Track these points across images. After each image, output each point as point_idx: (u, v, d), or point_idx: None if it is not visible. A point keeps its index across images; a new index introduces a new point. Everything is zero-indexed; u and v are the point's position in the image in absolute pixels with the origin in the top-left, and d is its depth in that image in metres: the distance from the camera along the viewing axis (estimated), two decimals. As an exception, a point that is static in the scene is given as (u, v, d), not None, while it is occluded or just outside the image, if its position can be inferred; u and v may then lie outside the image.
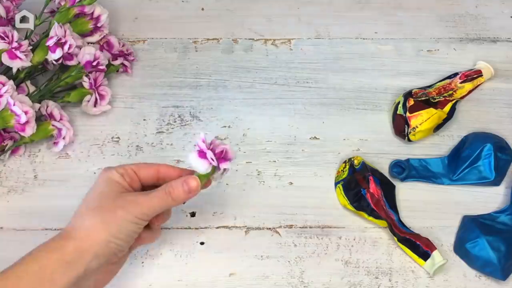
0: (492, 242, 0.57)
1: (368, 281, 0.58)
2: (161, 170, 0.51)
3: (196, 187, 0.49)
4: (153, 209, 0.48)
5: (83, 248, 0.45)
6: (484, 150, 0.62)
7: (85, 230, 0.46)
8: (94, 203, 0.48)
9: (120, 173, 0.49)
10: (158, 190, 0.48)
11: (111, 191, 0.48)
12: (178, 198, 0.48)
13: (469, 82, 0.69)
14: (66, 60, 0.64)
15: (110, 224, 0.46)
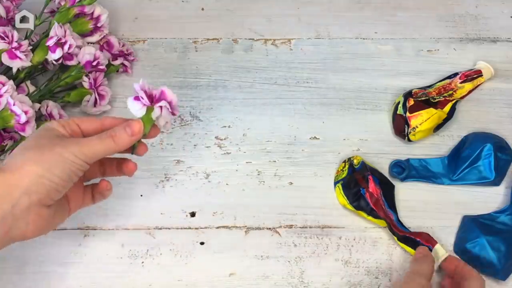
0: (492, 242, 0.57)
1: (368, 281, 0.58)
2: (106, 123, 0.49)
3: (138, 130, 0.47)
4: (93, 150, 0.46)
5: (11, 182, 0.42)
6: (484, 150, 0.62)
7: (16, 163, 0.43)
8: (30, 143, 0.45)
9: (62, 124, 0.48)
10: (101, 134, 0.47)
11: (50, 134, 0.46)
12: (120, 141, 0.47)
13: (469, 82, 0.69)
14: (66, 60, 0.64)
15: (45, 159, 0.43)
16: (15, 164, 0.43)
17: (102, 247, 0.59)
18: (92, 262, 0.58)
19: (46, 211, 0.45)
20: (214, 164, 0.65)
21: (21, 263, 0.58)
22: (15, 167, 0.43)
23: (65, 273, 0.57)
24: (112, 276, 0.57)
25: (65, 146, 0.45)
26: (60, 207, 0.49)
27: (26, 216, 0.44)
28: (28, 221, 0.44)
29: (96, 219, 0.61)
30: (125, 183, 0.63)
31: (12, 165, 0.43)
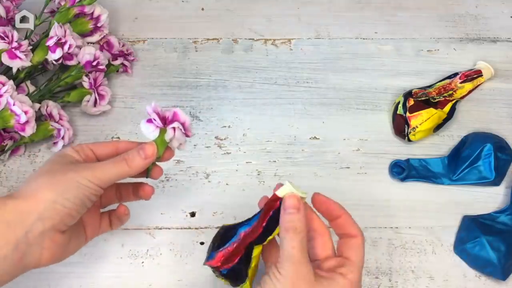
0: (492, 242, 0.57)
1: (368, 281, 0.58)
2: (120, 146, 0.49)
3: (152, 153, 0.47)
4: (107, 174, 0.45)
5: (25, 208, 0.42)
6: (484, 150, 0.62)
7: (30, 190, 0.43)
8: (44, 169, 0.45)
9: (76, 149, 0.47)
10: (115, 158, 0.46)
11: (64, 160, 0.46)
12: (134, 164, 0.46)
13: (469, 82, 0.69)
14: (66, 60, 0.64)
15: (58, 184, 0.43)
16: (29, 191, 0.43)
17: (102, 247, 0.59)
18: (92, 262, 0.58)
19: (61, 237, 0.45)
20: (214, 164, 0.65)
21: (21, 263, 0.58)
22: (28, 194, 0.43)
23: (65, 273, 0.57)
24: (112, 276, 0.57)
25: (78, 171, 0.44)
26: (76, 233, 0.48)
27: (40, 242, 0.43)
28: (42, 247, 0.44)
29: (96, 219, 0.61)
30: (125, 183, 0.63)
31: (25, 191, 0.43)
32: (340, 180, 0.64)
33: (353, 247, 0.45)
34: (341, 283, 0.43)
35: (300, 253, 0.42)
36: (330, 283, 0.42)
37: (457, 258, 0.59)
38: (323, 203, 0.47)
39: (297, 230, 0.43)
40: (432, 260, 0.59)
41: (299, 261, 0.42)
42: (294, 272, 0.42)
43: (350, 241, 0.46)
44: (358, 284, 0.44)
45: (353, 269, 0.43)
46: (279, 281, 0.42)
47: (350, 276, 0.43)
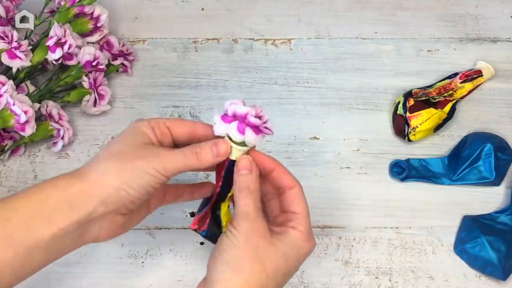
0: (492, 242, 0.57)
1: (368, 281, 0.58)
2: (198, 128, 0.48)
3: (225, 152, 0.45)
4: (175, 165, 0.44)
5: (89, 192, 0.42)
6: (484, 150, 0.62)
7: (96, 173, 0.43)
8: (114, 149, 0.45)
9: (152, 125, 0.46)
10: (185, 148, 0.45)
11: (136, 140, 0.45)
12: (204, 160, 0.45)
13: (469, 82, 0.69)
14: (66, 60, 0.64)
15: (124, 172, 0.43)
16: (95, 174, 0.43)
17: (102, 247, 0.59)
18: (92, 262, 0.58)
19: (122, 218, 0.46)
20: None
21: (21, 263, 0.58)
22: (95, 178, 0.43)
23: (65, 273, 0.57)
24: (112, 276, 0.57)
25: (147, 158, 0.44)
26: (138, 210, 0.48)
27: (100, 222, 0.44)
28: (101, 227, 0.45)
29: (96, 219, 0.61)
30: (125, 183, 0.63)
31: (92, 174, 0.44)
32: (340, 180, 0.64)
33: (294, 199, 0.47)
34: (293, 235, 0.45)
35: (254, 211, 0.44)
36: (284, 237, 0.45)
37: (457, 258, 0.59)
38: (256, 158, 0.47)
39: (251, 189, 0.45)
40: (432, 260, 0.59)
41: (254, 218, 0.44)
42: (249, 228, 0.43)
43: (289, 194, 0.47)
44: (308, 232, 0.46)
45: (301, 221, 0.45)
46: (235, 237, 0.43)
47: (300, 228, 0.45)
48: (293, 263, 0.45)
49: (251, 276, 0.42)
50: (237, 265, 0.43)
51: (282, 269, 0.44)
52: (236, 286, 0.42)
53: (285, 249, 0.44)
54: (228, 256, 0.43)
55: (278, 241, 0.44)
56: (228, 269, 0.43)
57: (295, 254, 0.45)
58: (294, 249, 0.44)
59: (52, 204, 0.42)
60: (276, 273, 0.43)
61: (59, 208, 0.42)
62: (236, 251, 0.43)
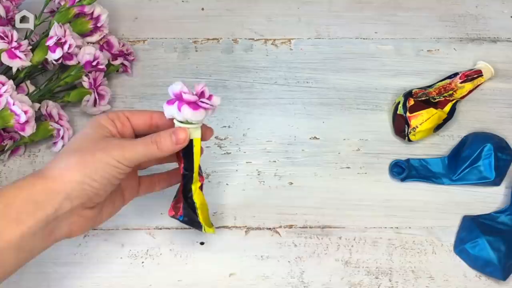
0: (492, 242, 0.57)
1: (368, 281, 0.58)
2: (155, 117, 0.49)
3: (184, 139, 0.47)
4: (136, 155, 0.45)
5: (53, 188, 0.43)
6: (484, 150, 0.62)
7: (58, 170, 0.44)
8: (74, 145, 0.46)
9: (111, 118, 0.48)
10: (145, 138, 0.47)
11: (95, 133, 0.46)
12: (164, 148, 0.46)
13: (469, 82, 0.69)
14: (66, 60, 0.64)
15: (86, 165, 0.44)
16: (57, 170, 0.44)
17: (102, 247, 0.59)
18: (92, 262, 0.58)
19: (90, 212, 0.47)
20: (214, 164, 0.65)
21: (21, 263, 0.58)
22: (57, 174, 0.44)
23: (65, 273, 0.57)
24: (112, 276, 0.57)
25: (108, 150, 0.45)
26: (110, 202, 0.49)
27: (68, 218, 0.45)
28: (71, 222, 0.46)
29: (96, 219, 0.61)
30: (125, 183, 0.63)
31: (53, 171, 0.44)
32: (340, 180, 0.64)
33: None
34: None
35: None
36: None
37: (457, 258, 0.59)
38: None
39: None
40: (432, 260, 0.59)
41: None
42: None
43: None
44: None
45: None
46: None
47: None
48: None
49: None
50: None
51: None
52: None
53: None
54: None
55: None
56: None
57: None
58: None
59: (18, 204, 0.42)
60: None
61: (25, 207, 0.42)
62: None
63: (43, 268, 0.58)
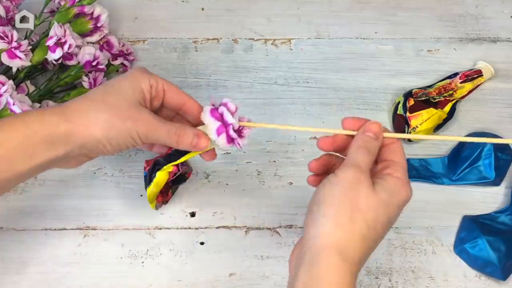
0: (492, 242, 0.57)
1: (368, 281, 0.58)
2: (188, 105, 0.50)
3: (203, 147, 0.48)
4: (156, 138, 0.46)
5: (73, 135, 0.44)
6: (484, 150, 0.62)
7: (86, 118, 0.44)
8: (110, 98, 0.45)
9: (151, 84, 0.47)
10: (170, 128, 0.47)
11: (132, 95, 0.46)
12: (182, 144, 0.47)
13: (469, 82, 0.69)
14: (66, 59, 0.64)
15: (111, 129, 0.44)
16: (84, 120, 0.44)
17: (102, 247, 0.59)
18: (92, 262, 0.58)
19: (87, 159, 0.49)
20: (214, 164, 0.65)
21: (22, 263, 0.58)
22: (81, 124, 0.44)
23: (65, 273, 0.57)
24: (112, 276, 0.57)
25: (136, 123, 0.45)
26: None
27: (69, 158, 0.46)
28: (67, 161, 0.47)
29: (96, 219, 0.61)
30: (125, 183, 0.63)
31: (80, 119, 0.44)
32: (340, 180, 0.64)
33: (394, 150, 0.45)
34: (391, 181, 0.42)
35: (364, 165, 0.42)
36: (382, 184, 0.42)
37: (457, 258, 0.59)
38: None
39: (370, 151, 0.43)
40: (432, 260, 0.59)
41: (361, 169, 0.42)
42: (353, 176, 0.41)
43: (389, 147, 0.45)
44: (406, 178, 0.43)
45: (398, 168, 0.43)
46: (335, 185, 0.42)
47: (397, 174, 0.43)
48: (392, 212, 0.42)
49: (352, 227, 0.40)
50: (337, 217, 0.40)
51: (381, 218, 0.41)
52: (338, 239, 0.40)
53: (385, 196, 0.41)
54: (328, 208, 0.41)
55: (378, 187, 0.42)
56: (328, 222, 0.41)
57: (394, 201, 0.42)
58: (392, 195, 0.42)
59: (36, 141, 0.43)
60: (376, 222, 0.41)
61: (42, 145, 0.43)
62: (336, 201, 0.41)
63: (43, 268, 0.58)
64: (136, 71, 0.48)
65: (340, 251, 0.40)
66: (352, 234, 0.40)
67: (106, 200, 0.62)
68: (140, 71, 0.48)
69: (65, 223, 0.60)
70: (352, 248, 0.40)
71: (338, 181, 0.42)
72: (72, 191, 0.62)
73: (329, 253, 0.40)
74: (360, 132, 0.45)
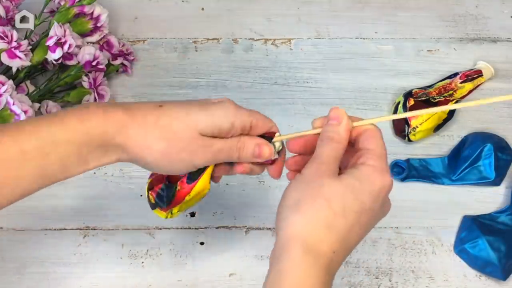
0: (492, 242, 0.57)
1: (368, 281, 0.58)
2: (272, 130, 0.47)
3: (268, 155, 0.45)
4: (215, 159, 0.44)
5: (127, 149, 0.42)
6: (484, 150, 0.62)
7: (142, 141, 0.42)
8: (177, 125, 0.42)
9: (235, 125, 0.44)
10: (230, 142, 0.44)
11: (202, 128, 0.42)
12: (243, 158, 0.45)
13: (469, 82, 0.69)
14: (66, 59, 0.64)
15: (163, 159, 0.42)
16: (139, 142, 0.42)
17: (102, 247, 0.59)
18: (92, 262, 0.58)
19: None
20: (214, 164, 0.65)
21: (21, 263, 0.58)
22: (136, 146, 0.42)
23: (65, 273, 0.57)
24: (112, 276, 0.57)
25: (193, 156, 0.43)
26: None
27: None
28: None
29: (96, 219, 0.61)
30: (125, 183, 0.63)
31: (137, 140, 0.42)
32: (340, 180, 0.64)
33: (367, 138, 0.42)
34: (362, 169, 0.39)
35: (327, 156, 0.40)
36: (351, 171, 0.39)
37: (457, 258, 0.59)
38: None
39: (334, 140, 0.41)
40: (432, 260, 0.59)
41: (323, 161, 0.40)
42: (315, 168, 0.40)
43: (364, 134, 0.42)
44: (381, 166, 0.40)
45: (372, 156, 0.40)
46: (297, 179, 0.40)
47: (370, 162, 0.39)
48: (365, 199, 0.39)
49: (315, 214, 0.38)
50: (298, 206, 0.38)
51: (351, 204, 0.38)
52: (301, 228, 0.38)
53: (352, 182, 0.39)
54: (290, 200, 0.39)
55: (344, 175, 0.39)
56: (290, 213, 0.39)
57: (366, 188, 0.39)
58: (363, 182, 0.39)
59: (92, 148, 0.41)
60: (344, 209, 0.38)
61: (97, 153, 0.41)
62: (298, 193, 0.39)
63: (43, 268, 0.58)
64: (222, 104, 0.44)
65: (306, 243, 0.37)
66: (317, 222, 0.38)
67: (106, 200, 0.62)
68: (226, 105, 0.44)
69: (65, 223, 0.60)
70: (317, 237, 0.37)
71: (301, 177, 0.40)
72: (72, 191, 0.62)
73: (293, 247, 0.37)
74: (324, 124, 0.43)
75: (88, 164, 0.42)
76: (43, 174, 0.41)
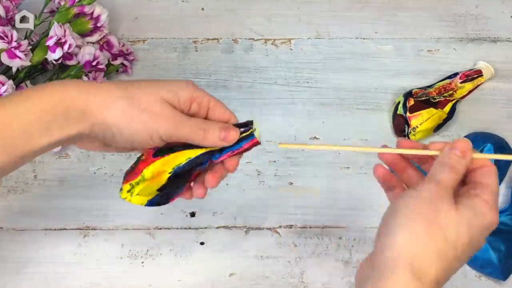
0: (492, 242, 0.57)
1: (368, 281, 0.58)
2: (231, 121, 0.47)
3: (232, 140, 0.44)
4: (180, 137, 0.43)
5: (88, 113, 0.41)
6: (484, 150, 0.62)
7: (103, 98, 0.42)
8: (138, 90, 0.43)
9: (193, 96, 0.44)
10: (195, 123, 0.44)
11: (163, 96, 0.43)
12: (208, 140, 0.44)
13: (469, 82, 0.69)
14: (66, 59, 0.64)
15: (124, 118, 0.42)
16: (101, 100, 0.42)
17: (102, 247, 0.59)
18: (92, 262, 0.58)
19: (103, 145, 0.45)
20: (214, 164, 0.65)
21: (21, 263, 0.58)
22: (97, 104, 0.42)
23: (65, 273, 0.57)
24: (112, 276, 0.57)
25: (155, 117, 0.42)
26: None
27: (85, 141, 0.44)
28: (84, 142, 0.45)
29: (96, 219, 0.61)
30: (125, 183, 0.63)
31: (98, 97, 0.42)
32: (340, 180, 0.64)
33: (485, 173, 0.41)
34: (477, 202, 0.39)
35: (446, 181, 0.39)
36: (467, 203, 0.39)
37: (457, 258, 0.59)
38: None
39: (455, 170, 0.40)
40: (432, 260, 0.59)
41: (443, 186, 0.39)
42: (433, 191, 0.39)
43: (481, 169, 0.42)
44: (495, 203, 0.40)
45: (487, 191, 0.40)
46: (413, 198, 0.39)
47: (484, 197, 0.40)
48: (475, 234, 0.39)
49: (429, 240, 0.37)
50: (412, 227, 0.38)
51: (463, 238, 0.38)
52: (412, 252, 0.37)
53: (467, 213, 0.38)
54: (401, 218, 0.38)
55: (460, 205, 0.39)
56: (403, 231, 0.38)
57: (478, 223, 0.39)
58: (477, 216, 0.39)
59: (54, 115, 0.41)
60: (456, 241, 0.38)
61: (59, 120, 0.41)
62: (412, 212, 0.38)
63: (43, 268, 0.58)
64: (183, 81, 0.45)
65: (413, 267, 0.36)
66: (429, 249, 0.37)
67: (106, 200, 0.62)
68: (187, 82, 0.45)
69: (65, 223, 0.60)
70: (427, 265, 0.37)
71: (417, 194, 0.39)
72: (72, 191, 0.62)
73: (401, 268, 0.36)
74: (447, 148, 0.42)
75: (51, 134, 0.41)
76: (7, 145, 0.40)
